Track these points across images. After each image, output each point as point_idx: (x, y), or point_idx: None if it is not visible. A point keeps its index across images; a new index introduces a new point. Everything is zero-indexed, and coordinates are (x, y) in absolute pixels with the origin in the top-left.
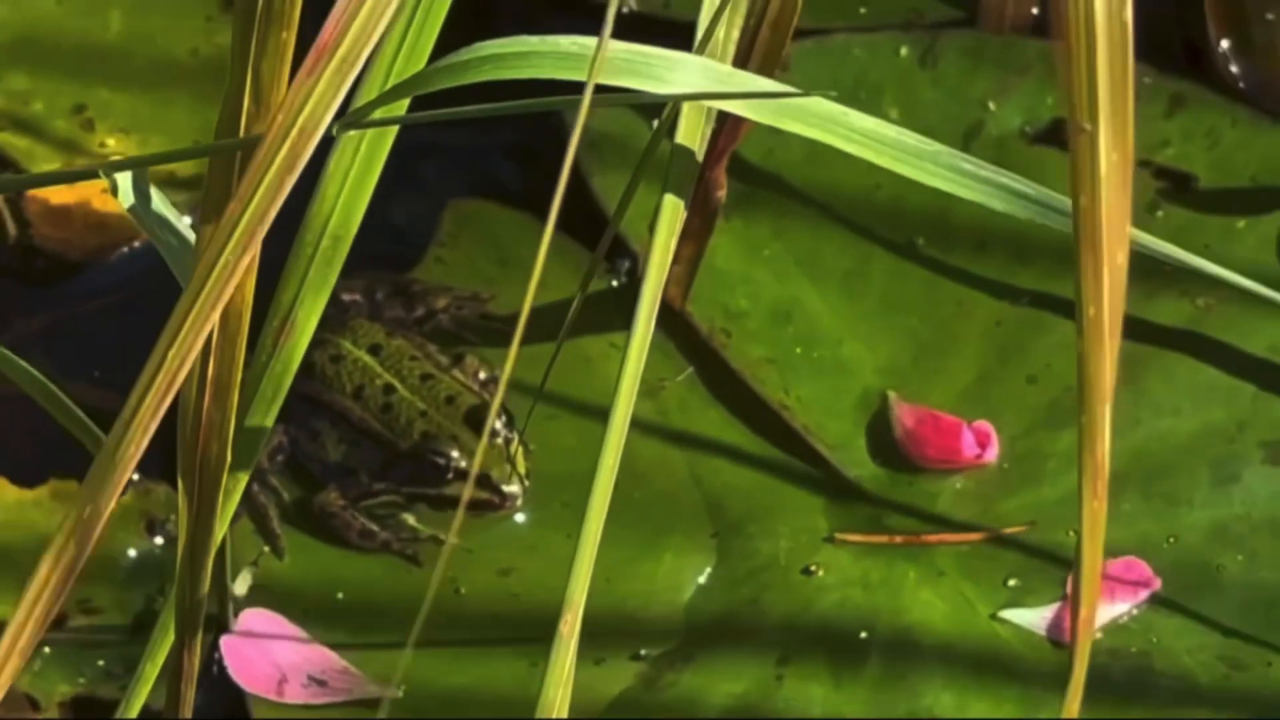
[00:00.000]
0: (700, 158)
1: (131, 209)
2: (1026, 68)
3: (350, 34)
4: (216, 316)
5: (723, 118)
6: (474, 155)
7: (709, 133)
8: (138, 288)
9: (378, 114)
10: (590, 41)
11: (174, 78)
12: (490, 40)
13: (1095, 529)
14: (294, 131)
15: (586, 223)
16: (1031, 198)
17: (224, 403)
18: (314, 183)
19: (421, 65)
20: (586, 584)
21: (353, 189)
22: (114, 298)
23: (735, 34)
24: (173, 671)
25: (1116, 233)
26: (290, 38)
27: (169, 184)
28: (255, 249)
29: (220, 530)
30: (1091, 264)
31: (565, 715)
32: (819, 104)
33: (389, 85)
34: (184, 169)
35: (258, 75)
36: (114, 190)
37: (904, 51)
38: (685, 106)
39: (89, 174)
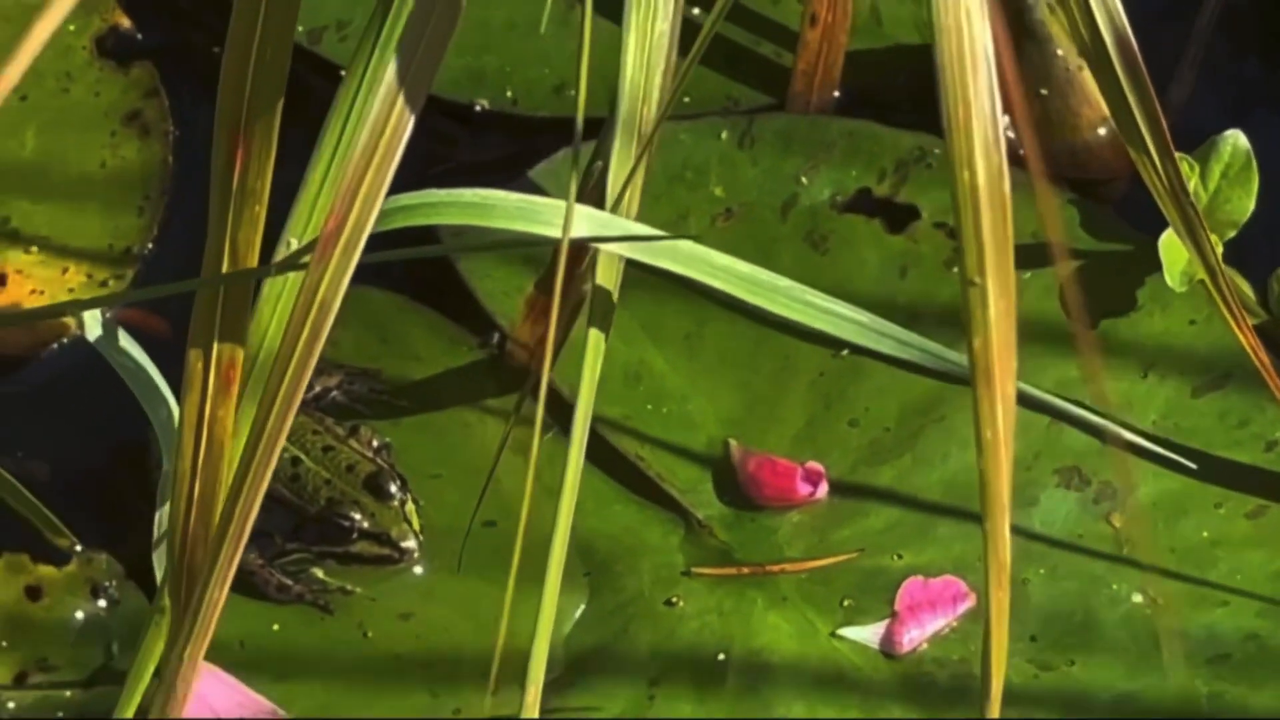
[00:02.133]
0: (616, 293)
1: (98, 341)
2: (832, 145)
3: (349, 223)
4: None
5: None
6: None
7: (621, 267)
8: (66, 378)
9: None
10: (486, 192)
11: (85, 189)
12: (406, 193)
13: (1001, 617)
14: (307, 327)
15: (457, 301)
16: (867, 326)
17: (207, 520)
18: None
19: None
20: (544, 660)
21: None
22: (46, 388)
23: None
24: None
25: (1005, 369)
26: (262, 211)
27: (90, 280)
28: (293, 410)
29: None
30: (987, 397)
31: None
32: (687, 245)
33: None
34: (99, 271)
35: (235, 243)
36: (80, 325)
37: (724, 135)
38: (602, 255)
39: (58, 312)
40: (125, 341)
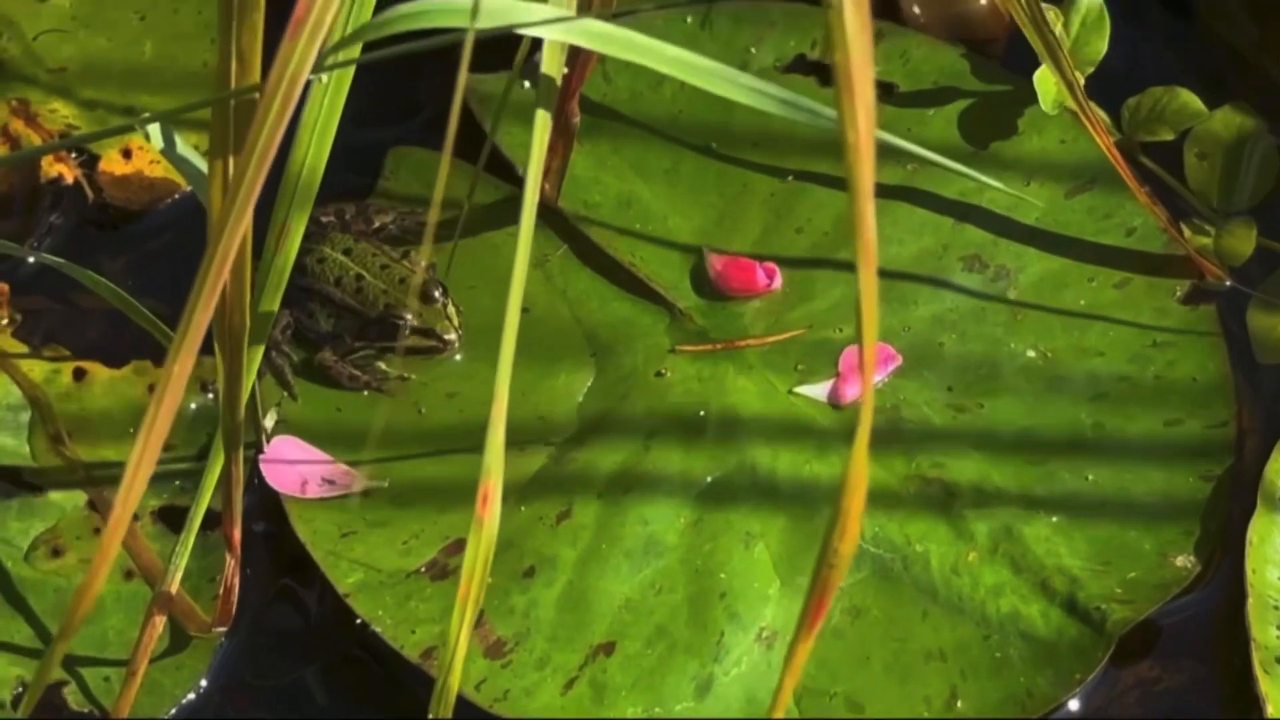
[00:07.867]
0: (558, 93)
1: (163, 152)
2: (774, 23)
3: (315, 8)
4: (239, 238)
5: (572, 63)
6: (402, 118)
7: (564, 72)
8: (179, 226)
9: (340, 57)
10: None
11: (191, 83)
12: (407, 3)
13: (870, 307)
14: (284, 83)
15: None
16: (780, 99)
17: (240, 292)
18: (290, 135)
19: (366, 19)
20: (504, 409)
21: (321, 131)
22: (164, 236)
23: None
24: (224, 479)
25: (863, 79)
26: (260, 18)
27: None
28: (262, 178)
29: (248, 381)
30: (849, 101)
31: (500, 487)
32: (643, 37)
33: (340, 38)
34: (203, 143)
35: (240, 47)
36: (147, 137)
37: (689, 20)
38: (546, 53)
39: (129, 129)
40: (184, 151)
